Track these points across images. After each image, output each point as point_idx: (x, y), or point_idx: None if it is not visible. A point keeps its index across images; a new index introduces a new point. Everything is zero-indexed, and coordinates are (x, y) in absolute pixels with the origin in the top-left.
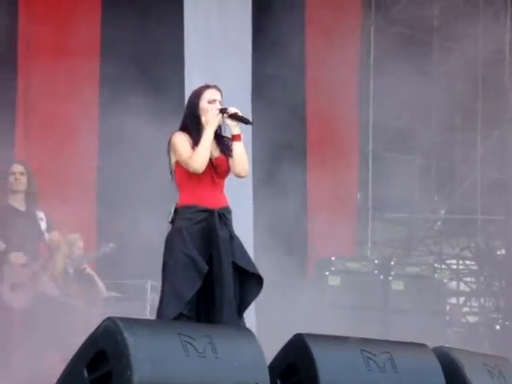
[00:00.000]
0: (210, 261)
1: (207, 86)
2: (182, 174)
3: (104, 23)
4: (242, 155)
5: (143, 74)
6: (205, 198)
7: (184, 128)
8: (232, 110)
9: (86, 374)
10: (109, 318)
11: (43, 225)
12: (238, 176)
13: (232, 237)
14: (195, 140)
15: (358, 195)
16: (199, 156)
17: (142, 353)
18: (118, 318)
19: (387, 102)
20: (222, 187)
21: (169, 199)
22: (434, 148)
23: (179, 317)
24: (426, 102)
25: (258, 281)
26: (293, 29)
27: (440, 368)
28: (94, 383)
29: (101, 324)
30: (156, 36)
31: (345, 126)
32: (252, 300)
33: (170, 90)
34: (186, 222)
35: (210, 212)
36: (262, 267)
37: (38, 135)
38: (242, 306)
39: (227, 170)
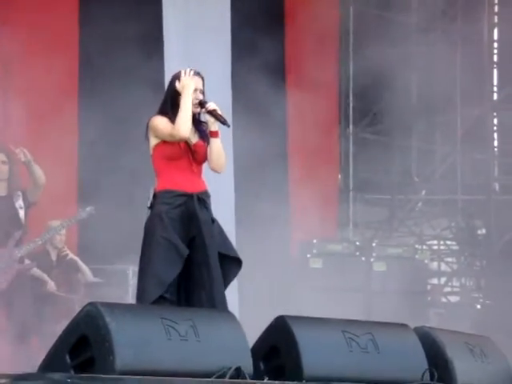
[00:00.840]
0: (190, 245)
1: (185, 70)
2: (160, 158)
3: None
4: (218, 151)
5: (122, 57)
6: (183, 183)
7: (163, 112)
8: (211, 106)
9: (68, 360)
10: (90, 303)
11: (22, 212)
12: (214, 171)
13: (212, 220)
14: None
15: (339, 177)
16: (181, 121)
17: (124, 337)
18: (100, 302)
19: (367, 84)
20: (200, 172)
21: (152, 182)
22: (414, 129)
23: (160, 300)
24: (405, 83)
25: (237, 263)
26: (272, 18)
27: (421, 348)
28: (77, 368)
29: (82, 309)
30: (135, 21)
31: (325, 107)
32: (230, 281)
33: (148, 74)
34: (165, 207)
35: (189, 196)
36: (244, 250)
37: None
38: None
39: (205, 156)
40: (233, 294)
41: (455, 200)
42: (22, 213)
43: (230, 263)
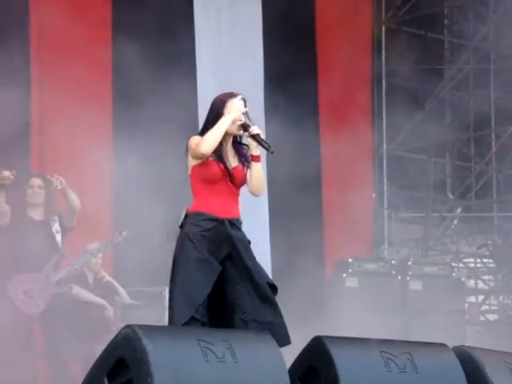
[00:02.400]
0: (224, 263)
1: (232, 95)
2: (197, 180)
3: (115, 32)
4: (259, 176)
5: (156, 76)
6: (216, 207)
7: (203, 133)
8: (255, 130)
9: (106, 382)
10: (127, 326)
11: (58, 237)
12: (253, 194)
13: (249, 242)
14: (223, 145)
15: (374, 195)
16: (208, 138)
17: (162, 359)
18: (137, 325)
19: (400, 102)
20: (237, 196)
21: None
22: (448, 146)
23: (191, 321)
24: (439, 100)
25: (272, 289)
26: (303, 30)
27: (461, 368)
28: None
29: (120, 331)
30: (167, 38)
31: (359, 127)
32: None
33: (182, 92)
34: (194, 228)
35: (220, 221)
36: (280, 270)
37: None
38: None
39: (243, 181)
40: None
41: (491, 217)
42: (58, 237)
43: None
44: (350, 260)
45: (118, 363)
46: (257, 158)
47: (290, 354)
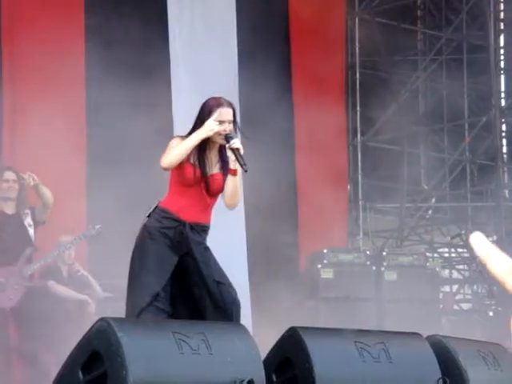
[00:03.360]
0: (181, 261)
1: (220, 104)
2: (174, 177)
3: (88, 26)
4: (234, 190)
5: (130, 70)
6: (182, 210)
7: (190, 134)
8: (236, 144)
9: (80, 376)
10: (102, 319)
11: (31, 230)
12: (227, 207)
13: (206, 248)
14: (206, 152)
15: (348, 187)
16: (169, 155)
17: (137, 352)
18: (111, 318)
19: (374, 93)
20: (210, 203)
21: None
22: (421, 137)
23: (150, 308)
24: (412, 91)
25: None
26: (276, 22)
27: (434, 357)
28: None
29: (94, 324)
30: (141, 35)
31: (333, 118)
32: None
33: (156, 85)
34: (156, 223)
35: (181, 223)
36: (255, 262)
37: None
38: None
39: (220, 189)
40: (246, 307)
41: (465, 207)
42: (31, 230)
43: (227, 289)
44: (324, 251)
45: (92, 356)
46: (233, 172)
47: (265, 346)
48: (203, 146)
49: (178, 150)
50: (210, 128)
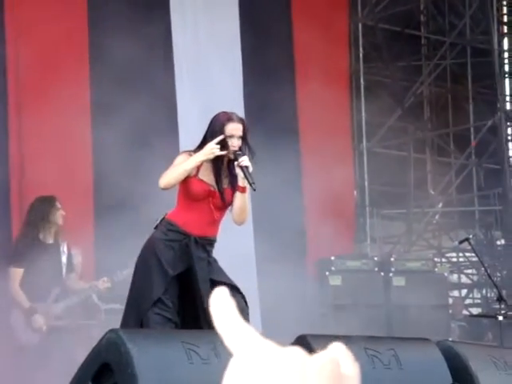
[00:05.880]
0: (186, 275)
1: (230, 119)
2: (182, 191)
3: (92, 28)
4: (242, 207)
5: (133, 78)
6: (189, 224)
7: (200, 147)
8: (244, 162)
9: None
10: (111, 330)
11: (64, 258)
12: (235, 222)
13: (209, 262)
14: (215, 166)
15: (355, 193)
16: (167, 176)
17: (147, 363)
18: (121, 329)
19: (379, 99)
20: (218, 217)
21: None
22: (427, 142)
23: (154, 317)
24: (417, 96)
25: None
26: (280, 32)
27: (445, 362)
28: None
29: (103, 336)
30: (144, 41)
31: (338, 125)
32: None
33: (160, 94)
34: (162, 235)
35: (187, 237)
36: (263, 271)
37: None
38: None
39: (228, 204)
40: (256, 315)
41: (472, 211)
42: (64, 259)
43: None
44: (332, 258)
45: (102, 368)
46: (242, 189)
47: None
48: (211, 161)
49: (175, 173)
50: (210, 152)
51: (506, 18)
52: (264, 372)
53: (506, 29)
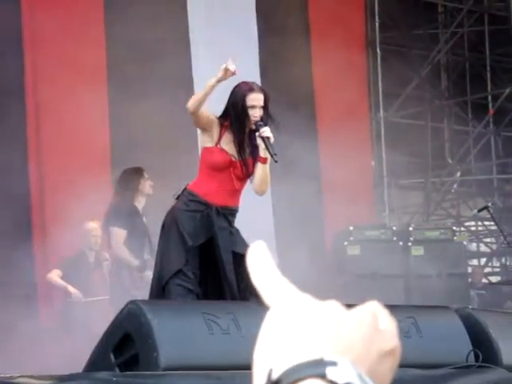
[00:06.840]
0: (209, 245)
1: (251, 89)
2: (204, 162)
3: (107, 10)
4: (262, 177)
5: (150, 59)
6: (210, 193)
7: (224, 117)
8: (266, 133)
9: (112, 358)
10: (132, 302)
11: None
12: (255, 192)
13: (231, 232)
14: (236, 136)
15: (373, 163)
16: (192, 99)
17: (167, 334)
18: (141, 300)
19: (395, 68)
20: (239, 187)
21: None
22: (445, 111)
23: (177, 288)
24: (434, 65)
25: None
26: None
27: (464, 329)
28: (121, 366)
29: (124, 307)
30: (161, 22)
31: (355, 95)
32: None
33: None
34: (183, 206)
35: (209, 207)
36: (282, 243)
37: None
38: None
39: (249, 175)
40: None
41: (491, 180)
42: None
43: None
44: (351, 228)
45: (123, 338)
46: (263, 160)
47: None
48: (233, 131)
49: (198, 96)
50: (223, 69)
51: None
52: (300, 324)
53: None
